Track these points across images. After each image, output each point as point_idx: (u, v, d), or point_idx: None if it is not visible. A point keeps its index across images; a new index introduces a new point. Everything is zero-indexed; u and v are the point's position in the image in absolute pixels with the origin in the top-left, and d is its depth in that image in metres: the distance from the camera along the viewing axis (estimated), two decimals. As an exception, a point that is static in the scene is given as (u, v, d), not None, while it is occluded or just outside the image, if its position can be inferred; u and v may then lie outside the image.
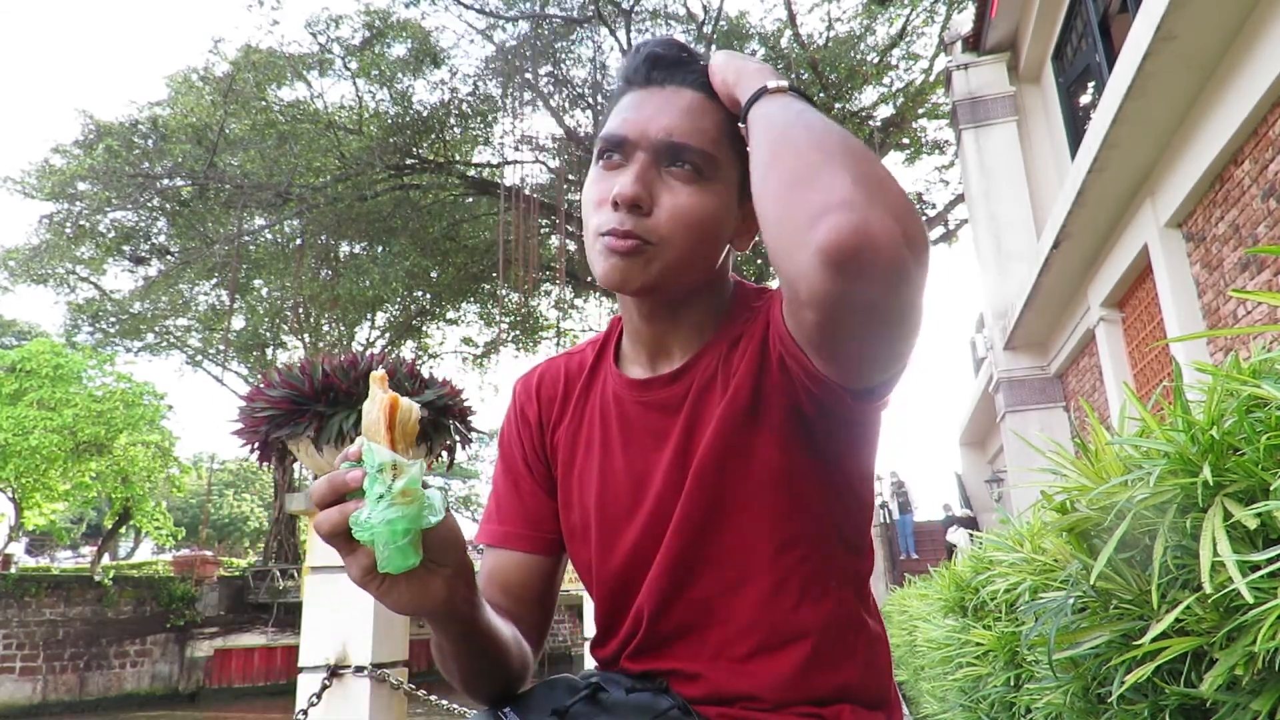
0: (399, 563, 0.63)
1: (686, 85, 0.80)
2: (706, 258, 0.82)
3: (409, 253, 16.90)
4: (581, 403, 0.93)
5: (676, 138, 0.77)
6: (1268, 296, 0.53)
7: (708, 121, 0.79)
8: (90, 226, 17.58)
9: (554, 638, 22.44)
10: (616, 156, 0.80)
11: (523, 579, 0.92)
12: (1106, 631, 0.63)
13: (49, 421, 16.74)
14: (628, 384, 0.89)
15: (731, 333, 0.86)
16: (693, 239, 0.78)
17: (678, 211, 0.77)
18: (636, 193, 0.76)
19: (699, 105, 0.79)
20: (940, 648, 1.67)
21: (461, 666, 0.79)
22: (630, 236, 0.77)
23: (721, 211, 0.80)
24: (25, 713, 15.84)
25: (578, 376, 0.95)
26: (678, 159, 0.78)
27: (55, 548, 30.55)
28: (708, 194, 0.78)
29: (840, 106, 15.61)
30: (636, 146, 0.78)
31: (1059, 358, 8.25)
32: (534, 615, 0.92)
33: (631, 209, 0.77)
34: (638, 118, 0.79)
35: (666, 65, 0.81)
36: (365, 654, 2.86)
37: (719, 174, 0.79)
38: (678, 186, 0.78)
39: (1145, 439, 0.61)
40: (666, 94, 0.79)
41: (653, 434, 0.86)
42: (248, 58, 16.34)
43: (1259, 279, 4.38)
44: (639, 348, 0.90)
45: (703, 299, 0.86)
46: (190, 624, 18.42)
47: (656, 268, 0.78)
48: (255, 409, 2.91)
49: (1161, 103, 4.71)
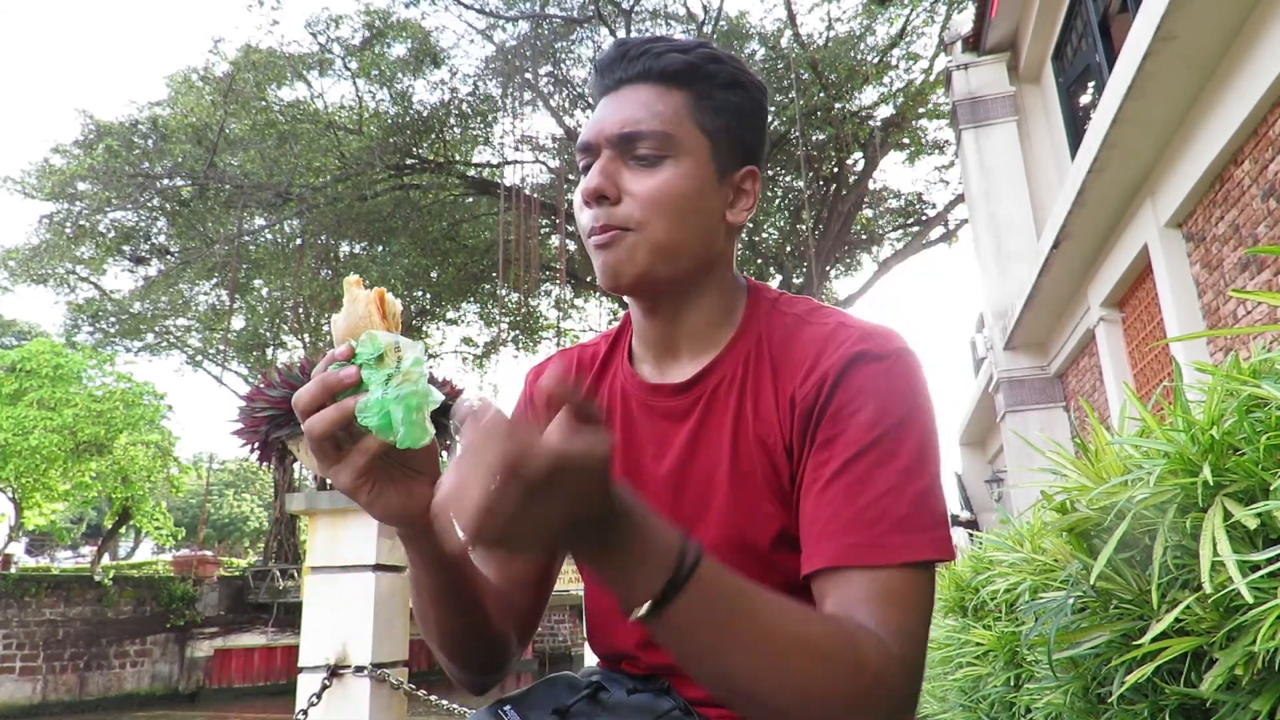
0: (417, 436, 0.64)
1: (640, 80, 0.81)
2: (693, 236, 0.81)
3: (409, 253, 16.91)
4: (590, 395, 0.92)
5: (629, 127, 0.79)
6: (1268, 296, 0.53)
7: (663, 104, 0.80)
8: (90, 226, 17.59)
9: (554, 637, 22.42)
10: (587, 162, 0.82)
11: (520, 563, 0.92)
12: (1106, 631, 0.63)
13: (49, 421, 16.74)
14: (637, 384, 0.89)
15: (746, 343, 0.84)
16: (669, 217, 0.78)
17: (645, 193, 0.78)
18: (598, 184, 0.79)
19: (653, 93, 0.81)
20: (940, 648, 1.67)
21: (436, 604, 0.78)
22: (607, 228, 0.79)
23: (693, 186, 0.80)
24: (25, 713, 15.84)
25: (589, 368, 0.95)
26: (636, 145, 0.79)
27: (55, 548, 30.55)
28: (673, 172, 0.79)
29: (840, 106, 15.61)
30: (599, 147, 0.81)
31: (1059, 358, 8.25)
32: (527, 599, 0.92)
33: (599, 201, 0.79)
34: (597, 122, 0.81)
35: (618, 68, 0.82)
36: (365, 654, 2.86)
37: (683, 150, 0.79)
38: (641, 170, 0.79)
39: (1145, 439, 0.61)
40: (623, 94, 0.82)
41: (654, 441, 0.86)
42: (248, 58, 16.35)
43: (1259, 279, 4.38)
44: (646, 347, 0.90)
45: (706, 293, 0.85)
46: (190, 624, 18.42)
47: (642, 253, 0.79)
48: (255, 409, 2.91)
49: (1161, 103, 4.71)
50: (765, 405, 0.81)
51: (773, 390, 0.81)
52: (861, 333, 0.78)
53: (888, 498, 0.70)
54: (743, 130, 0.84)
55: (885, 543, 0.69)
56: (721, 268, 0.86)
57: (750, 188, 0.86)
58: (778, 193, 19.17)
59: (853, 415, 0.73)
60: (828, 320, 0.82)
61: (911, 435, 0.72)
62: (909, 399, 0.73)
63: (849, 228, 17.90)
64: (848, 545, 0.70)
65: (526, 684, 0.93)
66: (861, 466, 0.71)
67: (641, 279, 0.80)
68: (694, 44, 0.82)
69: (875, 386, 0.74)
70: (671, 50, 0.81)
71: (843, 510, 0.71)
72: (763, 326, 0.85)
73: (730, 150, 0.83)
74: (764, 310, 0.87)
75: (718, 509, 0.82)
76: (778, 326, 0.84)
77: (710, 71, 0.81)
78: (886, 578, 0.68)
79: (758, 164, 0.87)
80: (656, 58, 0.81)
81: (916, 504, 0.70)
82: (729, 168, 0.83)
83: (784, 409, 0.79)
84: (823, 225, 17.36)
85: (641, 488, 0.85)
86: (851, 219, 17.82)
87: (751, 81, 0.85)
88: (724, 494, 0.81)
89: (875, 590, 0.68)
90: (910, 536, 0.69)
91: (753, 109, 0.85)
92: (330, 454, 0.67)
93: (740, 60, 0.86)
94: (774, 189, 19.10)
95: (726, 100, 0.82)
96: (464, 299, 20.11)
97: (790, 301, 0.87)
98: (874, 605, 0.67)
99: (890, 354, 0.76)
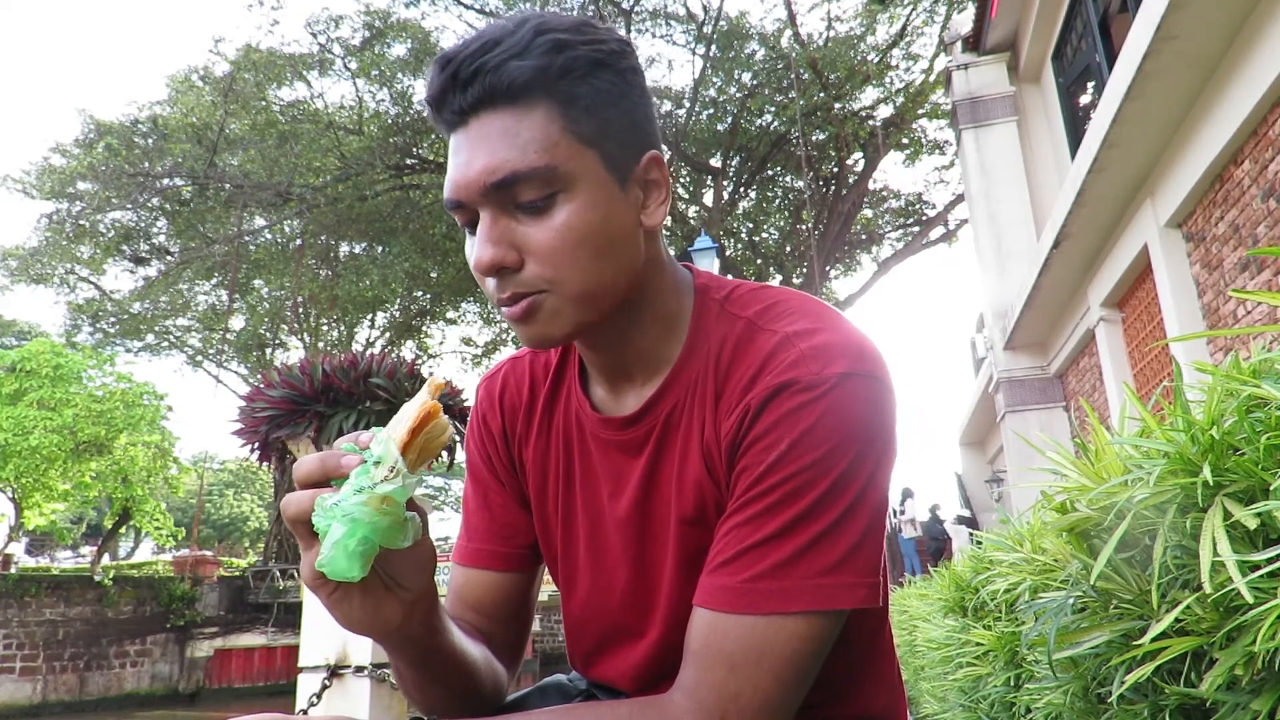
0: (338, 568, 0.56)
1: (486, 107, 0.66)
2: (615, 268, 0.70)
3: (409, 253, 16.91)
4: (547, 419, 0.86)
5: (499, 174, 0.65)
6: (1268, 296, 0.53)
7: (526, 130, 0.65)
8: (90, 226, 17.60)
9: (554, 638, 22.43)
10: (464, 220, 0.70)
11: (494, 598, 0.87)
12: (1106, 631, 0.63)
13: (49, 421, 16.73)
14: (589, 414, 0.82)
15: (694, 364, 0.76)
16: (583, 262, 0.67)
17: (548, 248, 0.66)
18: (494, 257, 0.66)
19: (509, 120, 0.65)
20: (940, 648, 1.67)
21: (421, 690, 0.75)
22: (517, 297, 0.68)
23: (598, 215, 0.67)
24: (25, 713, 15.83)
25: (543, 381, 0.87)
26: (515, 193, 0.66)
27: (55, 548, 30.55)
28: (570, 209, 0.66)
29: (840, 106, 15.61)
30: (472, 206, 0.67)
31: (1059, 358, 8.25)
32: (508, 632, 0.88)
33: (501, 273, 0.67)
34: (457, 175, 0.67)
35: (454, 97, 0.67)
36: (365, 654, 2.86)
37: (571, 177, 0.66)
38: (532, 220, 0.66)
39: (1145, 439, 0.61)
40: (473, 129, 0.67)
41: (610, 478, 0.80)
42: (248, 58, 16.36)
43: (1259, 279, 4.38)
44: (596, 371, 0.82)
45: (645, 310, 0.76)
46: (190, 624, 18.41)
47: (568, 311, 0.69)
48: (255, 409, 2.91)
49: (1161, 103, 4.71)
50: (710, 435, 0.73)
51: (714, 419, 0.73)
52: (800, 354, 0.67)
53: (774, 542, 0.64)
54: (626, 117, 0.70)
55: (755, 589, 0.64)
56: (655, 277, 0.76)
57: (657, 176, 0.72)
58: (778, 193, 19.17)
59: (765, 450, 0.66)
60: (776, 329, 0.71)
61: (828, 475, 0.64)
62: (837, 434, 0.65)
63: (849, 228, 17.91)
64: (719, 587, 0.66)
65: (526, 684, 0.93)
66: (760, 505, 0.65)
67: (571, 334, 0.71)
68: (527, 34, 0.66)
69: (794, 421, 0.65)
70: (508, 57, 0.65)
71: (726, 550, 0.67)
72: (712, 338, 0.75)
73: (622, 147, 0.69)
74: (713, 315, 0.77)
75: (676, 553, 0.76)
76: (729, 336, 0.74)
77: (565, 66, 0.66)
78: (751, 627, 0.64)
79: (656, 145, 0.73)
80: (496, 72, 0.65)
81: (810, 549, 0.64)
82: (627, 168, 0.70)
83: (725, 440, 0.71)
84: (823, 225, 17.37)
85: (601, 528, 0.81)
86: (851, 219, 17.83)
87: (612, 50, 0.69)
88: (682, 536, 0.75)
89: (732, 641, 0.64)
90: (789, 583, 0.64)
91: (626, 86, 0.70)
92: (304, 536, 0.60)
93: (585, 24, 0.69)
94: (774, 189, 19.11)
95: (596, 91, 0.67)
96: (464, 299, 20.12)
97: (741, 300, 0.77)
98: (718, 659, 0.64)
99: (824, 383, 0.65)
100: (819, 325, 0.70)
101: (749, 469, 0.67)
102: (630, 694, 0.81)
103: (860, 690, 0.80)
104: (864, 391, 0.66)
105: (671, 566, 0.76)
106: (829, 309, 0.74)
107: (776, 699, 0.64)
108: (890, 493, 0.70)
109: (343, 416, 2.85)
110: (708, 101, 16.66)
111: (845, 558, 0.65)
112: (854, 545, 0.65)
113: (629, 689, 0.82)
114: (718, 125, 16.99)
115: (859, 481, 0.65)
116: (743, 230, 19.44)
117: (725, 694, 0.63)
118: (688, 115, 16.31)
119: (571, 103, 0.66)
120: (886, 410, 0.68)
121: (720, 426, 0.72)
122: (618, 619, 0.82)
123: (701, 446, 0.74)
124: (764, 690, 0.63)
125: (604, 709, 0.67)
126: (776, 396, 0.67)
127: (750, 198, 19.31)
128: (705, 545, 0.72)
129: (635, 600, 0.80)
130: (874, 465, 0.66)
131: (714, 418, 0.73)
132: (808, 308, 0.73)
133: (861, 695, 0.80)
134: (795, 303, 0.74)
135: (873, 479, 0.66)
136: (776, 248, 19.41)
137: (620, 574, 0.80)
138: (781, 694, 0.64)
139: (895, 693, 0.83)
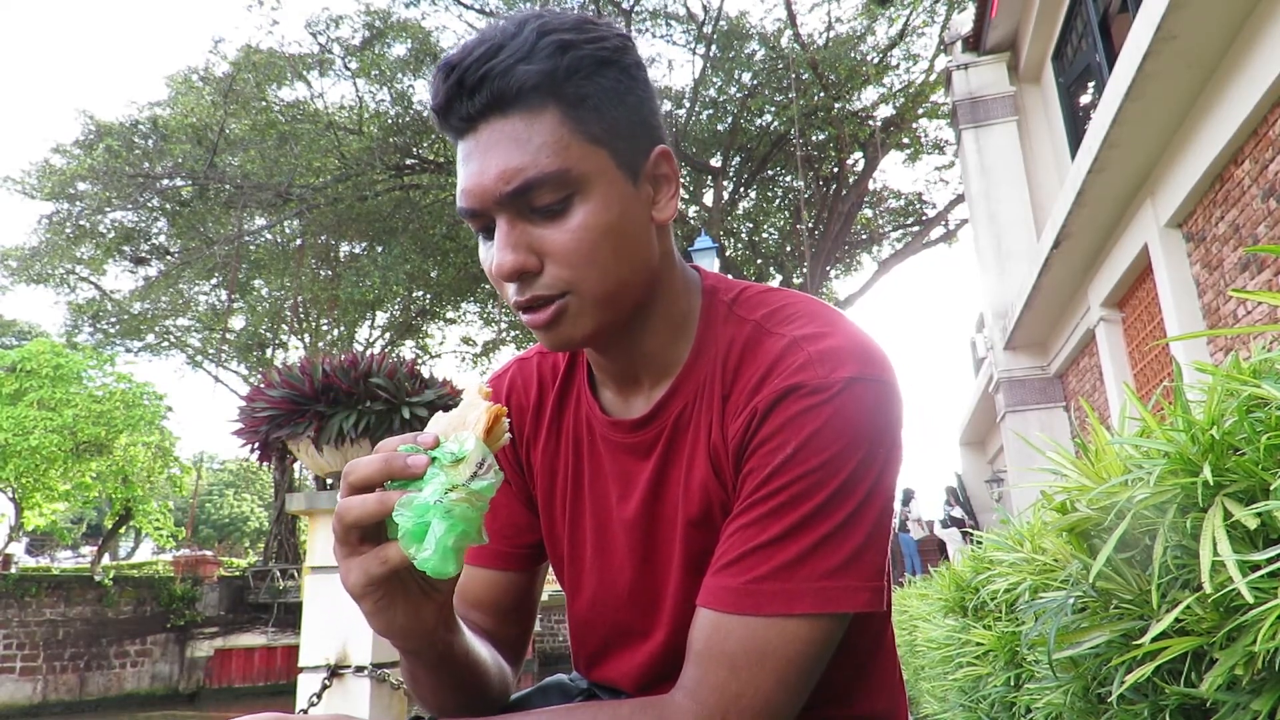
0: (440, 566, 0.56)
1: (495, 112, 0.66)
2: (632, 267, 0.71)
3: (409, 253, 16.91)
4: (556, 421, 0.86)
5: (515, 180, 0.65)
6: (1268, 296, 0.53)
7: (538, 134, 0.65)
8: (90, 226, 17.60)
9: (554, 637, 22.43)
10: (479, 226, 0.71)
11: (497, 597, 0.88)
12: (1106, 631, 0.63)
13: (49, 421, 16.72)
14: (598, 416, 0.82)
15: (702, 367, 0.76)
16: (602, 263, 0.68)
17: (567, 250, 0.67)
18: (515, 263, 0.67)
19: (520, 124, 0.66)
20: (940, 648, 1.67)
21: (435, 692, 0.75)
22: (539, 302, 0.68)
23: (613, 214, 0.68)
24: (25, 713, 15.83)
25: (551, 383, 0.87)
26: (532, 198, 0.66)
27: (55, 548, 30.55)
28: (586, 210, 0.67)
29: (840, 106, 15.61)
30: (487, 214, 0.68)
31: (1059, 358, 8.25)
32: (512, 631, 0.89)
33: (522, 277, 0.68)
34: (470, 183, 0.67)
35: (461, 104, 0.67)
36: (365, 654, 2.86)
37: (585, 178, 0.67)
38: (549, 223, 0.67)
39: (1145, 439, 0.61)
40: (483, 136, 0.67)
41: (619, 480, 0.81)
42: (248, 58, 16.36)
43: (1259, 279, 4.38)
44: (605, 375, 0.82)
45: (656, 310, 0.76)
46: (190, 624, 18.41)
47: (588, 313, 0.69)
48: (255, 409, 2.91)
49: (1161, 103, 4.71)
50: (717, 437, 0.74)
51: (721, 421, 0.73)
52: (808, 357, 0.68)
53: (779, 543, 0.65)
54: (633, 113, 0.70)
55: (759, 590, 0.64)
56: (668, 274, 0.76)
57: (667, 170, 0.73)
58: (778, 193, 19.17)
59: (771, 453, 0.66)
60: (784, 332, 0.71)
61: (834, 479, 0.64)
62: (843, 438, 0.65)
63: (849, 228, 17.90)
64: (723, 588, 0.66)
65: (526, 684, 0.93)
66: (766, 508, 0.66)
67: (594, 336, 0.71)
68: (531, 36, 0.66)
69: (802, 423, 0.66)
70: (514, 61, 0.65)
71: (730, 551, 0.67)
72: (720, 340, 0.76)
73: (631, 144, 0.70)
74: (720, 317, 0.77)
75: (682, 555, 0.77)
76: (736, 339, 0.75)
77: (570, 67, 0.66)
78: (754, 628, 0.64)
79: (663, 139, 0.74)
80: (503, 78, 0.65)
81: (814, 552, 0.64)
82: (638, 164, 0.71)
83: (731, 443, 0.72)
84: (823, 225, 17.37)
85: (608, 530, 0.82)
86: (851, 219, 17.82)
87: (615, 47, 0.69)
88: (688, 538, 0.76)
89: (734, 641, 0.64)
90: (792, 585, 0.64)
91: (631, 82, 0.70)
92: (351, 545, 0.60)
93: (586, 22, 0.69)
94: (774, 189, 19.11)
95: (602, 90, 0.68)
96: (464, 299, 20.12)
97: (749, 303, 0.77)
98: (721, 660, 0.64)
99: (831, 387, 0.66)
100: (827, 329, 0.70)
101: (755, 471, 0.68)
102: (634, 695, 0.82)
103: (862, 691, 0.81)
104: (871, 396, 0.67)
105: (677, 568, 0.77)
106: (837, 313, 0.74)
107: (778, 700, 0.64)
108: (895, 496, 0.71)
109: (343, 416, 2.84)
110: (708, 101, 16.67)
111: (849, 561, 0.65)
112: (858, 549, 0.65)
113: (633, 690, 0.82)
114: (718, 125, 16.99)
115: (865, 485, 0.66)
116: (743, 230, 19.45)
117: (727, 694, 0.64)
118: (688, 115, 16.31)
119: (580, 103, 0.67)
120: (893, 415, 0.68)
121: (727, 429, 0.72)
122: (623, 620, 0.82)
123: (709, 449, 0.74)
124: (765, 691, 0.64)
125: (605, 708, 0.67)
126: (784, 399, 0.67)
127: (750, 198, 19.31)
128: (711, 547, 0.72)
129: (640, 602, 0.80)
130: (880, 469, 0.67)
131: (721, 420, 0.73)
132: (816, 311, 0.73)
133: (863, 696, 0.81)
134: (803, 306, 0.75)
135: (878, 483, 0.67)
136: (776, 248, 19.41)
137: (626, 575, 0.81)
138: (783, 695, 0.64)
139: (896, 694, 0.83)
